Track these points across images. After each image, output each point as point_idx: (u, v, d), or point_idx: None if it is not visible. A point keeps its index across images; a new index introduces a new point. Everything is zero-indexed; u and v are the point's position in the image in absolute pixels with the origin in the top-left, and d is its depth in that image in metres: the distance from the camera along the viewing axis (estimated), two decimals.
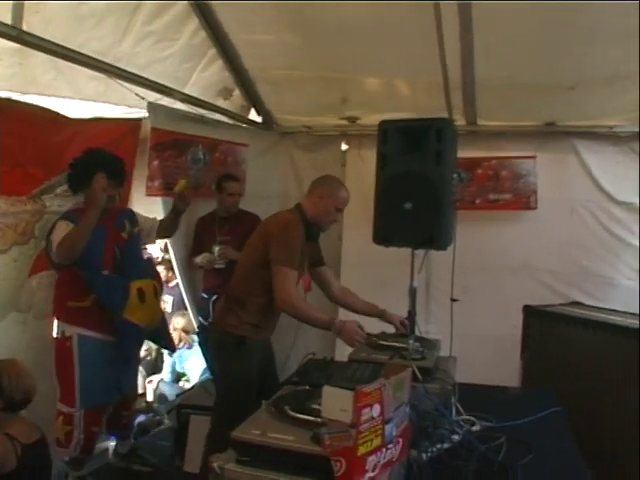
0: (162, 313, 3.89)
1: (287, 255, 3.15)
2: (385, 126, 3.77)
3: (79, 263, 3.35)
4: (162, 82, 4.20)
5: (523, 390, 3.88)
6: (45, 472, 2.91)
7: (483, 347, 4.73)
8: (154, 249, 7.18)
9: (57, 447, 3.44)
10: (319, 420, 1.82)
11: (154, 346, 5.96)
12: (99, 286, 3.41)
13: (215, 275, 4.51)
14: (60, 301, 3.51)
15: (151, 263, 4.13)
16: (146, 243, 4.05)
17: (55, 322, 3.52)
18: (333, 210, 3.44)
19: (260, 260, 3.24)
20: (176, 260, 4.80)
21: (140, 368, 5.79)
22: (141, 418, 5.27)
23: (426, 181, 3.59)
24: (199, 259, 4.50)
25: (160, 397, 5.45)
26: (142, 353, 5.04)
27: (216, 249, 4.40)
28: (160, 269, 6.41)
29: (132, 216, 3.79)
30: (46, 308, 3.66)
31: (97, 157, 3.49)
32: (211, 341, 3.46)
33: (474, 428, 2.72)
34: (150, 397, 5.72)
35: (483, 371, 3.78)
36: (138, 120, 4.15)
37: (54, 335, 3.49)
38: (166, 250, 6.39)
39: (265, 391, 3.01)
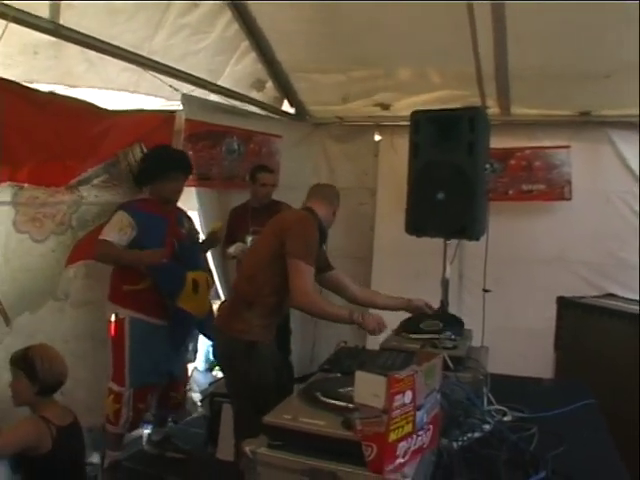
0: (211, 305, 3.97)
1: (305, 250, 2.92)
2: (417, 116, 3.79)
3: (135, 247, 3.53)
4: (196, 74, 4.24)
5: (556, 382, 3.83)
6: (80, 454, 2.98)
7: (516, 339, 4.70)
8: None
9: (107, 424, 3.61)
10: (350, 406, 1.83)
11: None
12: (159, 272, 3.54)
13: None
14: (116, 285, 3.63)
15: (205, 259, 4.26)
16: None
17: (110, 305, 3.65)
18: (333, 216, 3.35)
19: (272, 256, 2.99)
20: (210, 251, 4.84)
21: None
22: None
23: (459, 171, 3.60)
24: (232, 249, 4.53)
25: (194, 385, 5.50)
26: None
27: (249, 239, 4.42)
28: None
29: (189, 218, 4.00)
30: (83, 297, 3.76)
31: (170, 153, 3.76)
32: (219, 349, 3.21)
33: (506, 418, 2.71)
34: None
35: (516, 363, 3.77)
36: (172, 112, 4.19)
37: (110, 318, 3.63)
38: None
39: (284, 384, 3.02)
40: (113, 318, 3.61)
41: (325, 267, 3.38)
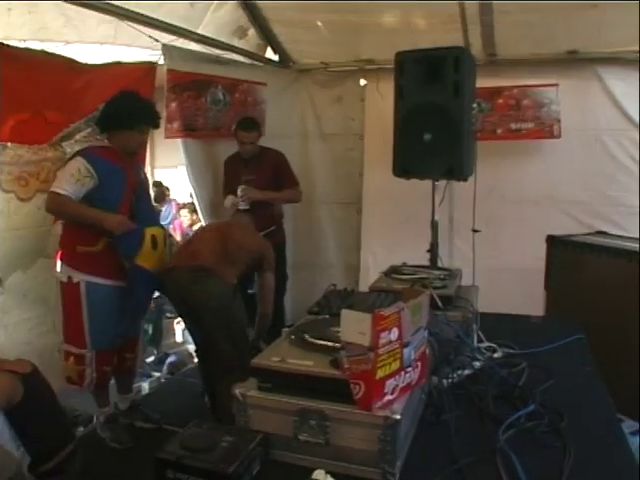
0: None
1: None
2: (402, 57, 3.74)
3: (94, 202, 3.21)
4: (175, 24, 4.14)
5: (546, 319, 3.87)
6: (50, 397, 2.98)
7: (506, 279, 4.75)
8: (179, 194, 7.28)
9: (69, 384, 3.40)
10: (338, 345, 1.85)
11: None
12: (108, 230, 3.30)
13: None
14: (68, 245, 3.37)
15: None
16: None
17: (60, 264, 3.40)
18: None
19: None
20: (199, 204, 4.83)
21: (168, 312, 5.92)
22: (171, 358, 5.42)
23: (445, 112, 3.58)
24: (225, 202, 4.53)
25: (189, 337, 5.55)
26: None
27: (239, 190, 4.42)
28: (184, 212, 6.50)
29: (141, 165, 3.77)
30: None
31: (140, 103, 3.40)
32: (211, 290, 3.30)
33: (496, 355, 2.75)
34: (180, 338, 5.85)
35: (507, 302, 3.80)
36: (153, 63, 4.11)
37: (61, 279, 3.34)
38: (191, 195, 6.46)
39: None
40: (65, 280, 3.31)
41: None
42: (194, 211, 6.38)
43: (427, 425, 2.13)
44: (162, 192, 8.53)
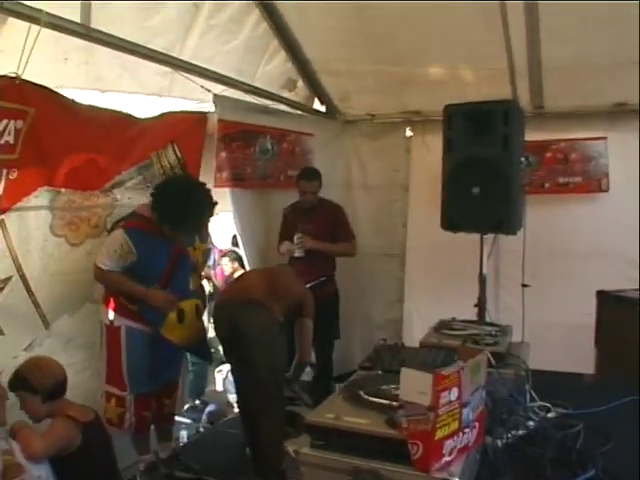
0: (203, 330, 3.85)
1: None
2: (450, 110, 3.75)
3: (135, 273, 3.37)
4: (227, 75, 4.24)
5: (599, 378, 3.76)
6: (109, 447, 3.00)
7: (555, 335, 4.64)
8: (222, 242, 7.32)
9: (109, 426, 3.41)
10: (394, 404, 1.81)
11: None
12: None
13: (295, 264, 4.54)
14: (111, 294, 3.49)
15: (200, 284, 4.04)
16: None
17: (104, 309, 3.50)
18: None
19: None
20: (245, 251, 4.85)
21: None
22: (211, 407, 5.37)
23: (494, 165, 3.56)
24: (281, 248, 4.59)
25: (229, 387, 5.51)
26: None
27: (295, 237, 4.45)
28: (225, 260, 6.52)
29: (206, 232, 3.93)
30: None
31: (200, 213, 3.47)
32: (259, 322, 3.36)
33: (549, 415, 2.66)
34: (220, 387, 5.81)
35: (556, 359, 3.70)
36: (204, 113, 4.19)
37: (104, 321, 3.47)
38: (235, 244, 6.50)
39: None
40: (108, 322, 3.44)
41: None
42: (235, 259, 6.39)
43: None
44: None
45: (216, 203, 3.52)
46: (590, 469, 2.13)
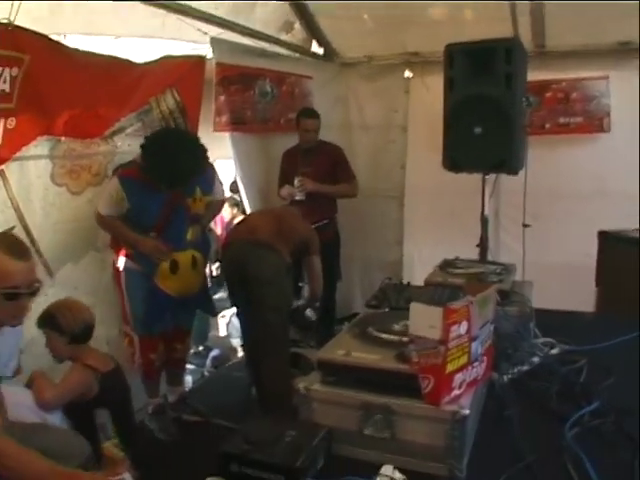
0: (203, 281, 3.76)
1: None
2: (451, 49, 3.70)
3: (129, 219, 3.36)
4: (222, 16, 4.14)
5: (600, 316, 3.79)
6: (126, 397, 3.03)
7: (556, 275, 4.64)
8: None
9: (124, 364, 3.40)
10: (403, 339, 1.82)
11: None
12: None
13: (298, 207, 4.52)
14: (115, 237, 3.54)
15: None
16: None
17: (110, 252, 3.56)
18: None
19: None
20: (246, 195, 4.85)
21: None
22: (215, 352, 5.43)
23: (496, 104, 3.53)
24: (282, 192, 4.58)
25: (233, 331, 5.56)
26: None
27: (296, 180, 4.44)
28: (225, 206, 6.51)
29: (209, 184, 3.62)
30: None
31: (188, 166, 3.33)
32: (268, 263, 3.37)
33: (553, 351, 2.69)
34: (223, 332, 5.86)
35: (557, 298, 3.71)
36: (202, 56, 4.11)
37: (116, 264, 3.50)
38: (233, 190, 6.48)
39: None
40: (116, 266, 3.49)
41: None
42: (235, 205, 6.39)
43: (489, 420, 2.09)
44: None
45: (206, 153, 3.46)
46: (594, 402, 2.16)
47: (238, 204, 6.06)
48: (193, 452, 2.75)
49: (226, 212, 6.68)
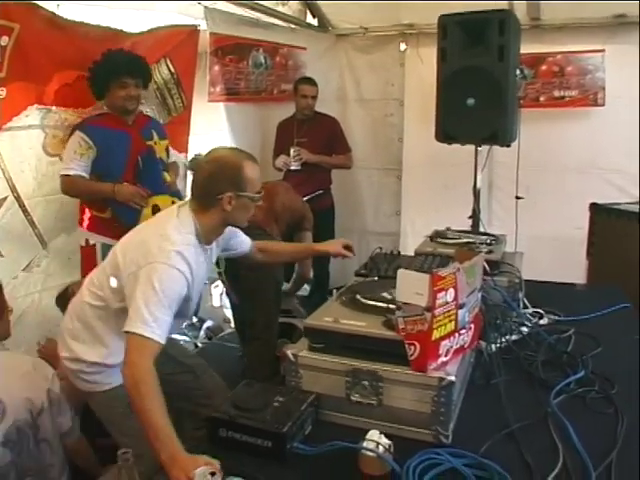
0: None
1: None
2: (444, 20, 3.68)
3: (97, 171, 3.30)
4: None
5: (591, 287, 3.81)
6: None
7: (548, 247, 4.70)
8: None
9: None
10: (391, 306, 1.84)
11: None
12: (113, 201, 3.32)
13: (291, 176, 4.55)
14: (83, 210, 3.47)
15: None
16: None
17: (79, 230, 3.50)
18: None
19: None
20: None
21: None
22: (208, 323, 5.45)
23: (489, 76, 3.52)
24: (277, 161, 4.60)
25: (227, 302, 5.57)
26: None
27: (291, 151, 4.47)
28: None
29: (162, 130, 3.64)
30: None
31: (116, 59, 3.32)
32: None
33: (542, 322, 2.72)
34: (217, 303, 5.87)
35: (548, 270, 3.74)
36: (196, 26, 4.09)
37: (80, 243, 3.47)
38: None
39: None
40: (84, 244, 3.45)
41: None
42: None
43: (475, 388, 2.12)
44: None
45: (140, 58, 3.44)
46: (580, 370, 2.19)
47: None
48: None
49: None
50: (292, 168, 4.47)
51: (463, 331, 1.85)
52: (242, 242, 2.58)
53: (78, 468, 2.51)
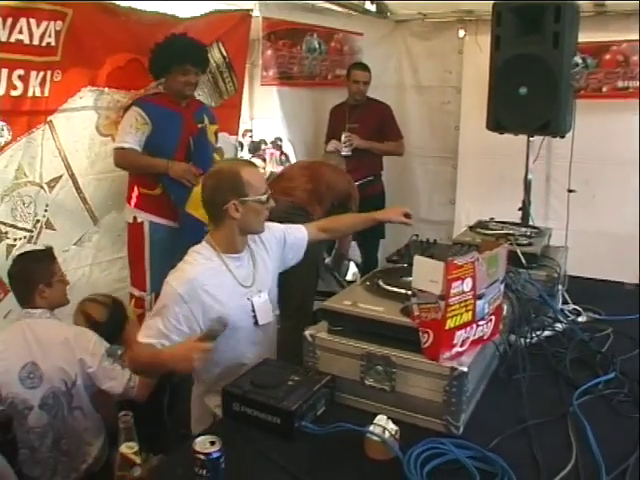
0: None
1: None
2: (499, 7, 3.62)
3: (150, 148, 3.38)
4: None
5: None
6: None
7: (603, 243, 4.54)
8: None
9: None
10: (409, 293, 1.82)
11: None
12: (165, 177, 3.40)
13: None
14: (132, 187, 3.53)
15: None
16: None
17: (127, 208, 3.56)
18: None
19: None
20: (293, 149, 4.91)
21: None
22: None
23: (543, 64, 3.44)
24: (328, 146, 4.61)
25: None
26: None
27: (343, 136, 4.48)
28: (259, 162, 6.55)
29: (212, 116, 3.70)
30: None
31: (181, 45, 3.40)
32: None
33: (580, 319, 2.65)
34: None
35: (600, 267, 3.62)
36: (248, 10, 4.12)
37: (127, 220, 3.55)
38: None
39: None
40: (131, 221, 3.51)
41: None
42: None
43: (499, 382, 2.09)
44: (257, 145, 8.73)
45: (198, 48, 3.48)
46: (611, 371, 2.12)
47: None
48: None
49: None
50: (343, 154, 4.46)
51: (482, 322, 1.82)
52: (297, 234, 2.62)
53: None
